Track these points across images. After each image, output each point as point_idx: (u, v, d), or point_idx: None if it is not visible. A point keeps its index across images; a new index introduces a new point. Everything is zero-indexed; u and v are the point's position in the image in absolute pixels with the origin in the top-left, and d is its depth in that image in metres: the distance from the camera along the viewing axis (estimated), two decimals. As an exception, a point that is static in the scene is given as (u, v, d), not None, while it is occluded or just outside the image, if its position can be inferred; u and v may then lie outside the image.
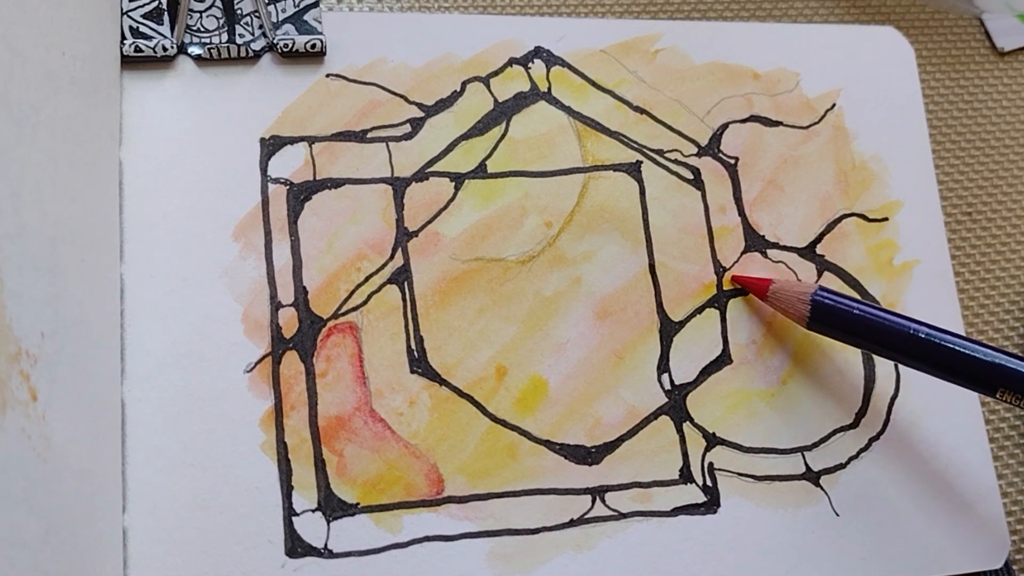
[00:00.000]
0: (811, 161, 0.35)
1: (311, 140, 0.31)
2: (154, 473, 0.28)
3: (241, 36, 0.31)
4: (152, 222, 0.29)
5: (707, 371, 0.32)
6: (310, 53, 0.32)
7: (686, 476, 0.31)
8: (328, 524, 0.28)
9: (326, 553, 0.28)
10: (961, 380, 0.29)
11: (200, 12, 0.31)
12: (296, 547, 0.28)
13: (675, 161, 0.34)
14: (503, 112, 0.33)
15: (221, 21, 0.31)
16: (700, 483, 0.31)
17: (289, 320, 0.30)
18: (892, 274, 0.34)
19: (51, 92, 0.25)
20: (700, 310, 0.33)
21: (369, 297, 0.30)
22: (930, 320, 0.30)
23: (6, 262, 0.22)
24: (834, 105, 0.36)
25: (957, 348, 0.29)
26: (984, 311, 0.36)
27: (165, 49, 0.30)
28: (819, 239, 0.34)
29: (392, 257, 0.31)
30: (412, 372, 0.30)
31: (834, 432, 0.32)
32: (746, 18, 0.37)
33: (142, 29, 0.31)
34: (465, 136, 0.32)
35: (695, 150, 0.34)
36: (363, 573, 0.28)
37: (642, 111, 0.34)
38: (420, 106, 0.32)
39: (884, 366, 0.33)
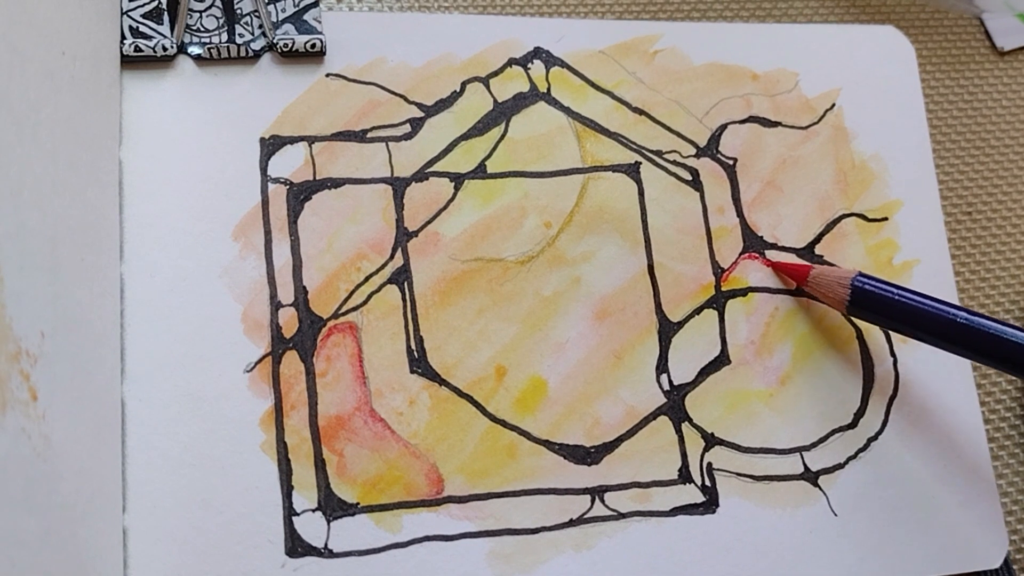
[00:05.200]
0: (810, 161, 0.35)
1: (311, 140, 0.31)
2: (154, 473, 0.28)
3: (241, 36, 0.31)
4: (152, 222, 0.29)
5: (706, 371, 0.32)
6: (310, 53, 0.32)
7: (685, 476, 0.31)
8: (328, 524, 0.28)
9: (326, 553, 0.28)
10: (1001, 364, 0.29)
11: (200, 12, 0.31)
12: (296, 547, 0.28)
13: (674, 162, 0.34)
14: (503, 112, 0.33)
15: (221, 21, 0.31)
16: (699, 483, 0.31)
17: (289, 320, 0.30)
18: (892, 274, 0.34)
19: (51, 92, 0.25)
20: (699, 311, 0.33)
21: (369, 297, 0.30)
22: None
23: (6, 262, 0.22)
24: (833, 105, 0.35)
25: (997, 333, 0.29)
26: (984, 311, 0.36)
27: (165, 49, 0.30)
28: (818, 239, 0.34)
29: (392, 257, 0.31)
30: (412, 372, 0.30)
31: (833, 432, 0.32)
32: (745, 18, 0.37)
33: (142, 29, 0.31)
34: (465, 136, 0.32)
35: (694, 151, 0.34)
36: (363, 573, 0.28)
37: (641, 112, 0.34)
38: (420, 106, 0.32)
39: (882, 367, 0.33)
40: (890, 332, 0.34)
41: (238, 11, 0.32)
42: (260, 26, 0.32)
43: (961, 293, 0.35)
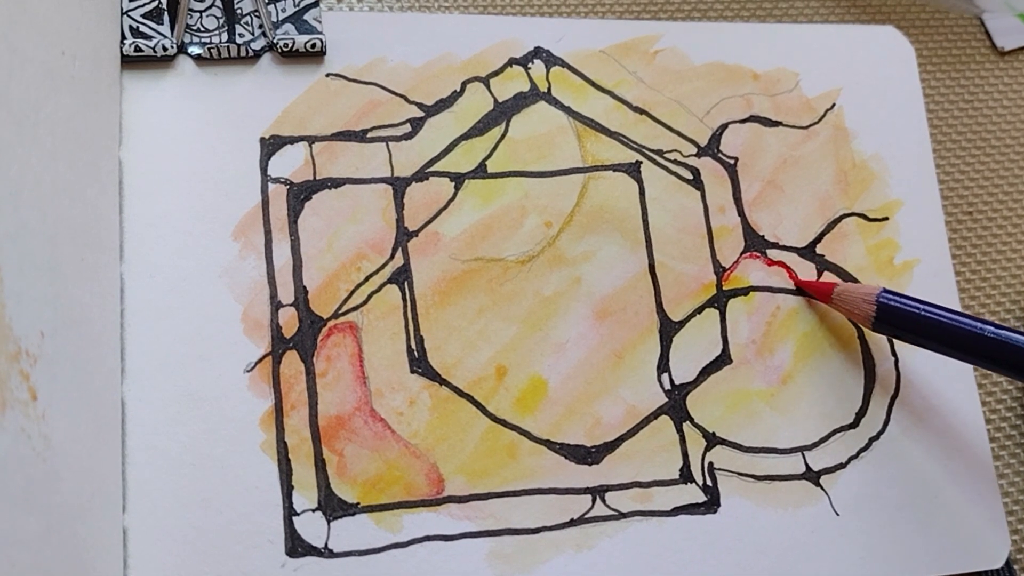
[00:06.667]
0: (811, 161, 0.35)
1: (311, 140, 0.31)
2: (154, 473, 0.28)
3: (241, 36, 0.31)
4: (152, 222, 0.29)
5: (707, 371, 0.32)
6: (310, 53, 0.32)
7: (686, 476, 0.31)
8: (328, 524, 0.28)
9: (326, 553, 0.28)
10: None
11: (200, 12, 0.31)
12: (296, 547, 0.28)
13: (675, 161, 0.34)
14: (503, 112, 0.33)
15: (221, 21, 0.31)
16: (700, 483, 0.31)
17: (289, 320, 0.30)
18: (892, 274, 0.34)
19: (51, 92, 0.25)
20: (700, 310, 0.33)
21: (369, 297, 0.30)
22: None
23: (6, 262, 0.22)
24: (834, 105, 0.35)
25: None
26: (984, 311, 0.36)
27: (165, 49, 0.30)
28: (819, 239, 0.34)
29: (392, 257, 0.31)
30: (412, 372, 0.30)
31: (834, 432, 0.32)
32: (746, 18, 0.37)
33: (142, 29, 0.31)
34: (465, 136, 0.32)
35: (695, 150, 0.34)
36: (363, 573, 0.28)
37: (642, 111, 0.34)
38: (420, 106, 0.32)
39: (884, 366, 0.33)
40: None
41: (238, 11, 0.32)
42: (260, 26, 0.32)
43: (961, 293, 0.35)
